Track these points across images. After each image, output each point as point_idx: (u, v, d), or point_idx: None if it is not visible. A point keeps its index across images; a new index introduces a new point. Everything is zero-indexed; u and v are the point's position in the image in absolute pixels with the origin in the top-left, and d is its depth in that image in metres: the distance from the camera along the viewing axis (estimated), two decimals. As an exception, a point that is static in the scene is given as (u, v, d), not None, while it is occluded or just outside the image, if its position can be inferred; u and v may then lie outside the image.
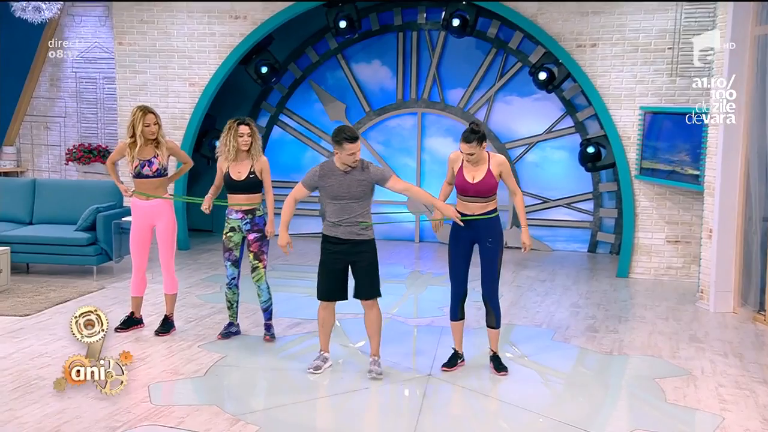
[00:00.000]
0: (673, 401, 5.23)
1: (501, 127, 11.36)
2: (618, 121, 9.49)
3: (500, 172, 5.48)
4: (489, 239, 5.48)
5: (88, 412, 4.80)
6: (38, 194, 9.37)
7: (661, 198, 9.36)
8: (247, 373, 5.69)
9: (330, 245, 5.52)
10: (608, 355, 6.26)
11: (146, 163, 6.34)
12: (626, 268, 9.52)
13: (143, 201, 6.40)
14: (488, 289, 5.56)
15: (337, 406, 5.13)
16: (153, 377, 5.47)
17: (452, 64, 11.45)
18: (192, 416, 4.76)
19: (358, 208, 5.42)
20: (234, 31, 10.59)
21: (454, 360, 5.71)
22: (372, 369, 5.57)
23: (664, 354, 6.27)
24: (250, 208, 6.23)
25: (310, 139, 11.96)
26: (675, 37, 9.16)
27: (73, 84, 12.42)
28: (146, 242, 6.52)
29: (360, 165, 5.42)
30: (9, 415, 4.70)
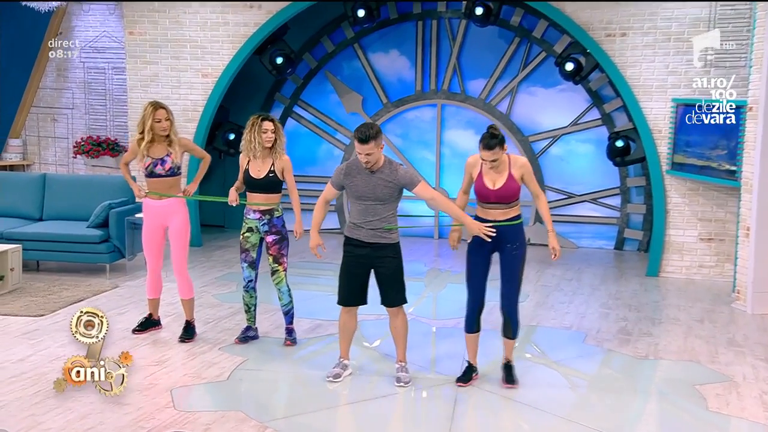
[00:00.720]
0: (715, 409, 5.19)
1: (524, 120, 11.33)
2: (648, 114, 9.44)
3: (522, 175, 5.30)
4: (510, 245, 5.31)
5: (111, 418, 4.81)
6: (48, 190, 9.40)
7: (694, 194, 9.32)
8: (270, 377, 5.69)
9: (352, 248, 5.47)
10: (644, 359, 6.23)
11: (159, 161, 6.26)
12: (656, 266, 9.49)
13: (155, 201, 6.33)
14: (508, 300, 5.42)
15: (366, 414, 5.12)
16: (175, 381, 5.48)
17: (473, 54, 11.42)
18: (218, 423, 4.77)
19: (383, 210, 5.36)
20: (248, 20, 10.58)
21: (469, 374, 5.56)
22: (399, 376, 5.54)
23: (702, 359, 6.24)
24: (268, 208, 6.16)
25: (326, 132, 11.96)
26: (710, 26, 9.09)
27: (81, 74, 12.44)
28: (159, 243, 6.46)
29: (388, 166, 5.35)
30: (32, 421, 4.72)
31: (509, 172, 5.27)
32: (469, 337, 5.56)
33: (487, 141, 5.17)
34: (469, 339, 5.56)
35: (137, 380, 5.48)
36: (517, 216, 5.38)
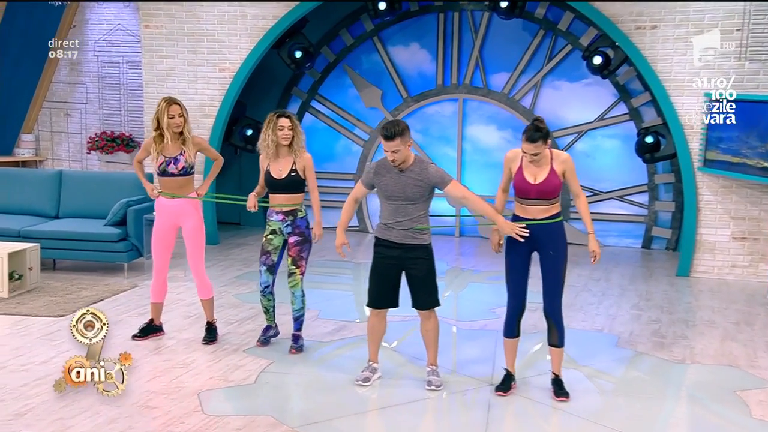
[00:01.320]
0: (759, 417, 5.15)
1: (549, 114, 11.24)
2: (680, 109, 9.38)
3: (564, 171, 5.19)
4: (551, 249, 5.24)
5: (140, 422, 4.84)
6: (64, 187, 9.44)
7: (727, 191, 9.26)
8: (297, 380, 5.70)
9: (382, 249, 5.45)
10: (681, 363, 6.20)
11: (172, 160, 6.22)
12: (687, 266, 9.44)
13: (168, 200, 6.30)
14: (551, 304, 5.31)
15: (397, 419, 5.11)
16: (201, 385, 5.50)
17: (496, 47, 11.39)
18: (248, 428, 4.78)
19: (413, 210, 5.33)
20: (266, 13, 10.57)
21: (508, 383, 5.49)
22: (430, 379, 5.53)
23: (741, 363, 6.20)
24: (292, 209, 6.12)
25: (344, 127, 11.96)
26: (744, 18, 9.02)
27: (95, 69, 12.49)
28: (169, 244, 6.41)
29: (418, 165, 5.33)
30: (60, 425, 4.74)
31: (551, 167, 5.18)
32: (508, 342, 5.46)
33: (531, 133, 5.08)
34: (508, 344, 5.47)
35: (163, 383, 5.51)
36: (557, 214, 5.28)
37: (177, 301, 7.64)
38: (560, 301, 5.37)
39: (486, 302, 7.99)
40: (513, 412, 5.24)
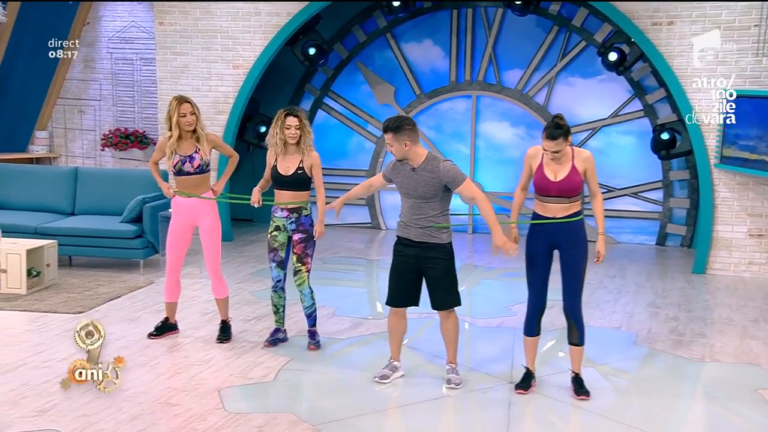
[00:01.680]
0: (782, 415, 5.15)
1: (562, 111, 10.93)
2: (696, 106, 9.34)
3: (585, 169, 5.16)
4: (570, 244, 5.21)
5: (162, 419, 4.85)
6: (80, 183, 9.46)
7: (744, 188, 9.22)
8: (317, 378, 5.70)
9: (402, 247, 5.42)
10: (700, 362, 6.18)
11: (187, 159, 6.21)
12: (703, 263, 9.41)
13: (184, 199, 6.28)
14: (571, 303, 5.29)
15: (419, 416, 5.11)
16: (221, 382, 5.50)
17: (510, 44, 11.35)
18: (270, 425, 4.79)
19: (427, 208, 5.28)
20: (280, 10, 10.57)
21: (528, 381, 5.47)
22: (450, 377, 5.50)
23: (762, 361, 6.18)
24: (296, 206, 6.10)
25: (357, 124, 11.95)
26: (762, 14, 8.97)
27: (109, 65, 12.51)
28: (185, 242, 6.40)
29: (431, 162, 5.26)
30: (84, 422, 4.76)
31: (572, 164, 5.15)
32: (528, 341, 5.44)
33: (551, 131, 5.07)
34: (528, 342, 5.45)
35: (183, 380, 5.52)
36: (578, 212, 5.25)
37: (194, 299, 7.66)
38: (580, 299, 5.34)
39: (501, 299, 7.98)
40: (533, 410, 5.23)
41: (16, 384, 5.32)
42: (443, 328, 5.54)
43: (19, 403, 5.02)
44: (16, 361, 5.77)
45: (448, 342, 5.56)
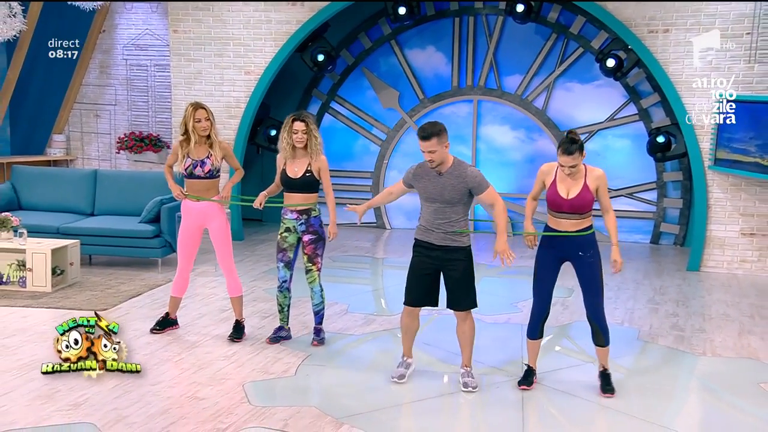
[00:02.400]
0: (785, 408, 5.15)
1: (561, 115, 11.27)
2: (691, 110, 9.35)
3: (597, 187, 5.12)
4: (583, 253, 5.17)
5: (191, 412, 4.84)
6: (99, 185, 9.46)
7: (736, 189, 9.25)
8: (336, 373, 5.69)
9: (422, 249, 5.34)
10: (702, 356, 6.19)
11: (198, 163, 6.18)
12: (698, 261, 9.43)
13: (194, 202, 6.25)
14: (594, 309, 5.27)
15: (438, 410, 5.10)
16: (245, 376, 5.50)
17: (510, 50, 11.37)
18: (295, 418, 4.78)
19: (452, 213, 5.22)
20: (291, 18, 10.57)
21: (530, 377, 5.46)
22: (466, 381, 5.39)
23: (761, 356, 6.19)
24: (306, 208, 6.07)
25: (362, 128, 11.95)
26: (754, 22, 9.00)
27: (124, 71, 12.48)
28: (195, 244, 6.37)
29: (457, 167, 5.21)
30: (116, 415, 4.76)
31: (584, 182, 5.10)
32: (531, 343, 5.45)
33: (567, 146, 5.03)
34: (532, 344, 5.45)
35: (208, 375, 5.52)
36: (589, 227, 5.21)
37: (211, 296, 7.66)
38: (602, 305, 5.30)
39: (505, 296, 7.99)
40: (547, 407, 5.21)
41: (49, 378, 5.25)
42: (459, 330, 5.46)
43: (54, 397, 5.01)
44: (47, 356, 5.67)
45: (464, 345, 5.47)
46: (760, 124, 8.26)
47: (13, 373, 5.44)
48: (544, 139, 11.35)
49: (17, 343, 6.11)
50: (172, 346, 6.12)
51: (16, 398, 5.01)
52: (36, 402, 4.94)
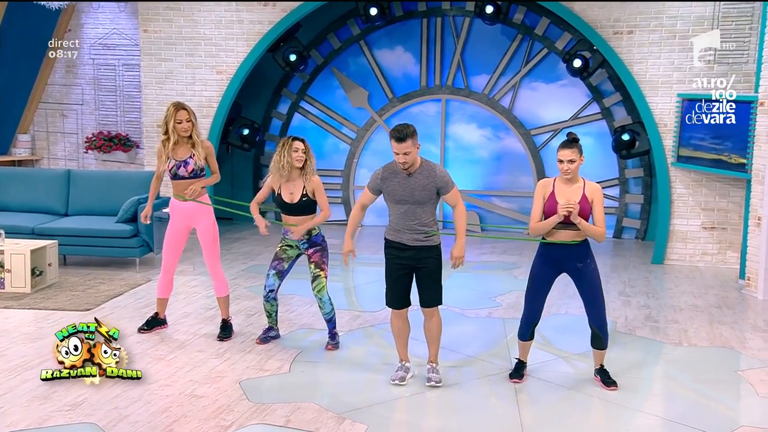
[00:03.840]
0: (764, 394, 5.29)
1: (526, 114, 11.42)
2: (654, 109, 9.57)
3: (593, 199, 5.16)
4: (580, 264, 5.21)
5: (191, 410, 4.80)
6: (73, 185, 9.27)
7: (698, 185, 9.48)
8: (330, 368, 5.68)
9: (395, 251, 5.29)
10: (678, 346, 6.34)
11: (182, 163, 6.11)
12: (662, 254, 9.65)
13: (180, 202, 6.18)
14: (596, 316, 5.31)
15: (436, 403, 5.12)
16: (240, 374, 5.46)
17: (477, 51, 11.47)
18: (296, 414, 4.77)
19: (422, 214, 5.18)
20: (263, 18, 10.50)
21: (521, 370, 5.53)
22: (430, 376, 5.36)
23: (734, 344, 6.36)
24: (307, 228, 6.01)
25: (332, 126, 11.94)
26: (713, 24, 9.24)
27: (91, 71, 12.25)
28: (180, 243, 6.29)
29: (426, 168, 5.16)
30: (117, 414, 4.69)
31: (583, 193, 5.17)
32: (522, 344, 5.52)
33: (567, 142, 5.14)
34: (523, 345, 5.52)
35: (203, 373, 5.47)
36: (585, 239, 5.24)
37: (194, 295, 7.60)
38: (605, 312, 5.35)
39: (483, 291, 8.06)
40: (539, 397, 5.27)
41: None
42: (427, 327, 5.40)
43: (51, 398, 4.91)
44: (38, 356, 5.65)
45: (431, 341, 5.42)
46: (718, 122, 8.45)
47: (6, 375, 5.32)
48: (511, 138, 11.48)
49: (4, 344, 5.98)
50: (163, 346, 6.05)
51: (14, 399, 4.90)
52: (34, 403, 4.84)
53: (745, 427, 4.75)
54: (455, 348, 6.10)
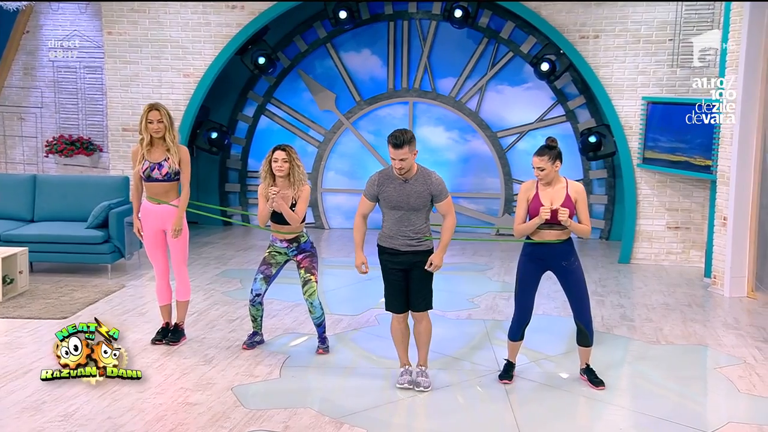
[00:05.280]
0: (746, 391, 5.45)
1: (493, 116, 11.56)
2: (620, 111, 9.79)
3: (576, 199, 5.27)
4: (565, 262, 5.31)
5: (188, 418, 4.76)
6: (39, 191, 9.09)
7: (662, 186, 9.73)
8: (320, 372, 5.68)
9: (389, 256, 5.32)
10: (656, 344, 6.50)
11: (156, 166, 6.02)
12: (628, 254, 9.87)
13: (153, 205, 6.09)
14: (582, 314, 5.39)
15: (431, 405, 5.16)
16: (231, 381, 5.44)
17: (443, 54, 11.57)
18: (293, 420, 4.78)
19: (416, 220, 5.23)
20: (231, 21, 10.44)
21: (510, 371, 5.62)
22: (420, 380, 5.40)
23: (709, 342, 6.54)
24: (295, 236, 6.03)
25: (299, 129, 11.92)
26: (676, 29, 9.50)
27: (50, 73, 12.01)
28: (161, 246, 6.20)
29: (422, 174, 5.21)
30: (111, 424, 4.63)
31: (567, 193, 5.27)
32: (512, 344, 5.60)
33: (540, 149, 5.26)
34: (513, 345, 5.60)
35: (193, 380, 5.43)
36: (569, 238, 5.35)
37: (171, 300, 7.49)
38: (589, 308, 5.44)
39: (460, 292, 8.14)
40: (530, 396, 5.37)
41: (31, 390, 5.12)
42: (417, 331, 5.44)
43: (41, 409, 4.83)
44: (20, 367, 5.54)
45: (421, 344, 5.45)
46: (682, 125, 8.68)
47: (-11, 387, 5.21)
48: (478, 140, 11.61)
49: (-18, 355, 5.85)
50: (147, 353, 5.99)
51: (3, 412, 4.80)
52: (24, 414, 4.75)
53: (732, 423, 4.89)
54: (441, 350, 6.16)
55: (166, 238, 6.20)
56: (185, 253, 6.27)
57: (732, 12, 8.10)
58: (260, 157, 12.03)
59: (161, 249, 6.22)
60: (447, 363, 5.94)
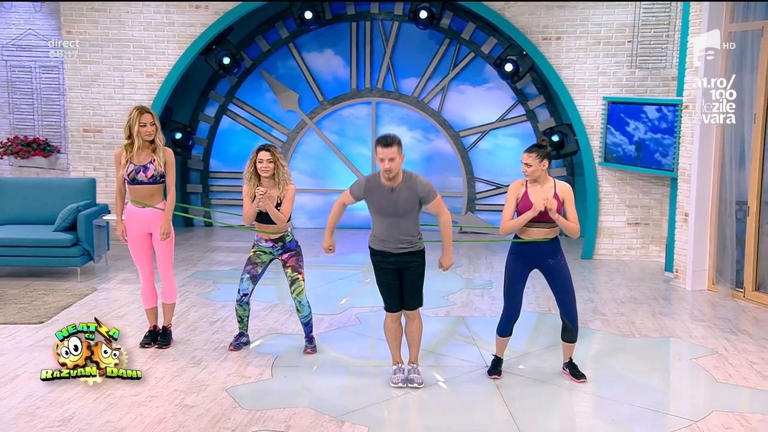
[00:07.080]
0: (723, 380, 5.68)
1: (455, 116, 11.73)
2: (582, 111, 10.05)
3: (564, 198, 5.41)
4: (551, 260, 5.48)
5: (187, 420, 4.76)
6: (1, 193, 8.87)
7: (623, 183, 10.02)
8: (312, 372, 5.73)
9: (380, 257, 5.39)
10: (631, 337, 6.71)
11: (141, 168, 5.96)
12: (591, 250, 10.14)
13: (138, 208, 6.06)
14: (566, 308, 5.54)
15: (426, 402, 5.25)
16: (224, 382, 5.44)
17: (406, 54, 11.69)
18: (294, 419, 4.81)
19: (406, 225, 5.28)
20: (194, 21, 10.37)
21: (498, 366, 5.75)
22: (412, 377, 5.49)
23: (680, 334, 6.79)
24: (280, 236, 6.06)
25: (262, 129, 11.89)
26: (634, 31, 9.80)
27: (4, 73, 11.72)
28: (147, 249, 6.16)
29: (407, 180, 5.24)
30: (111, 428, 4.60)
31: (555, 192, 5.42)
32: (501, 340, 5.74)
33: (530, 147, 5.44)
34: (501, 341, 5.74)
35: (186, 382, 5.42)
36: (556, 237, 5.53)
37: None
38: (575, 304, 5.61)
39: (435, 290, 8.17)
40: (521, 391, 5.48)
41: (23, 395, 5.04)
42: (409, 329, 5.52)
43: (37, 414, 4.77)
44: (7, 373, 5.44)
45: (412, 343, 5.53)
46: (641, 123, 8.98)
47: (-23, 394, 5.12)
48: (440, 139, 11.76)
49: (-37, 362, 5.73)
50: (135, 357, 5.90)
51: (-2, 419, 4.73)
52: (20, 420, 4.68)
53: (717, 412, 5.10)
54: (426, 348, 6.25)
55: (152, 241, 6.15)
56: (171, 256, 6.24)
57: (690, 15, 8.40)
58: (222, 158, 11.99)
59: (147, 252, 6.18)
60: (434, 360, 6.05)
